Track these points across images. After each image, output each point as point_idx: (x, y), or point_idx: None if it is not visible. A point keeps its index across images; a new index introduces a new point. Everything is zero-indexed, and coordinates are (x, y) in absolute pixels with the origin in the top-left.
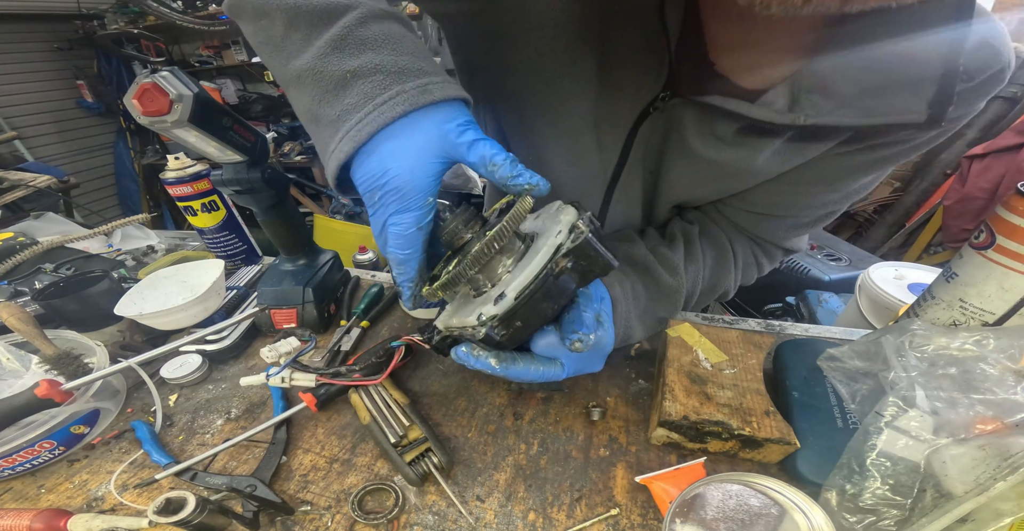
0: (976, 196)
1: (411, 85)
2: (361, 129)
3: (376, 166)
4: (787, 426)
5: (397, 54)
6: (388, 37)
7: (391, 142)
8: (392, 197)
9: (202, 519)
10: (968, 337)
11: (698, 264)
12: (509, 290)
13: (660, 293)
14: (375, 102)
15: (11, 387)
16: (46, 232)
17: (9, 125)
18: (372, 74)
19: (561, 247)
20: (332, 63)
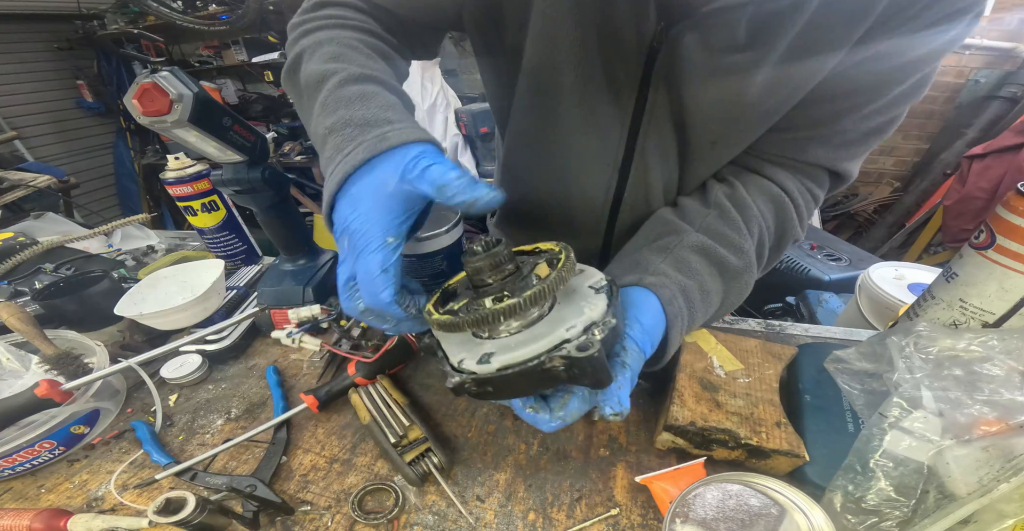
0: (976, 196)
1: (372, 134)
2: (331, 181)
3: (339, 214)
4: (797, 438)
5: (366, 108)
6: (362, 95)
7: (352, 188)
8: (353, 240)
9: (202, 519)
10: (973, 338)
11: (758, 222)
12: (495, 360)
13: (727, 283)
14: (343, 153)
15: (11, 387)
16: (46, 232)
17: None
18: (343, 128)
19: (565, 346)
20: (318, 123)
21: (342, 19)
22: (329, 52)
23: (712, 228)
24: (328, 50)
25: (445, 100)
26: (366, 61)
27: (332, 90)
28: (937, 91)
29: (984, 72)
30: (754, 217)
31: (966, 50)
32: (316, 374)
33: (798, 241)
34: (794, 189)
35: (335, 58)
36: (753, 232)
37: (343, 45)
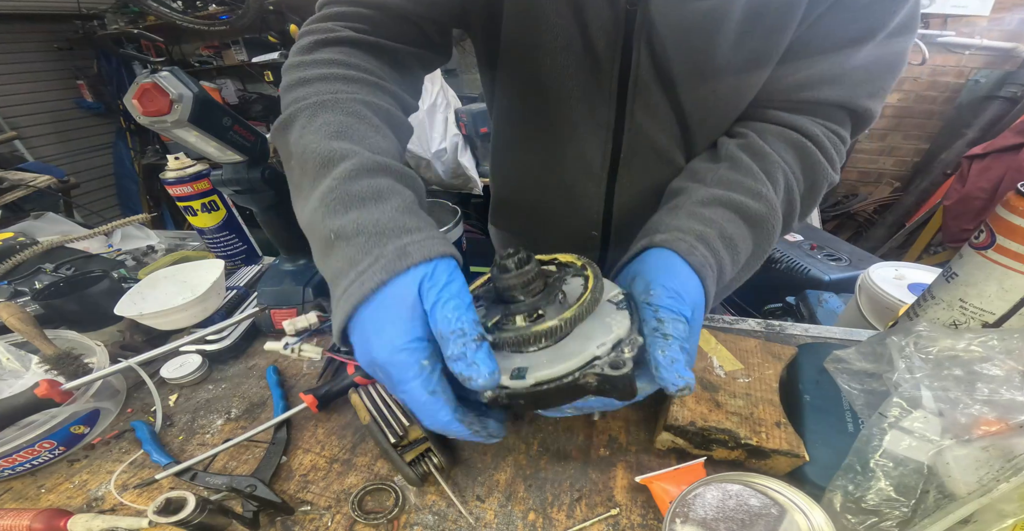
0: (976, 196)
1: (390, 248)
2: (346, 302)
3: (361, 344)
4: (797, 438)
5: (380, 211)
6: (376, 193)
7: (368, 312)
8: (388, 372)
9: (202, 519)
10: (973, 338)
11: (780, 167)
12: (530, 376)
13: (752, 229)
14: (357, 269)
15: (11, 387)
16: (46, 232)
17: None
18: (355, 236)
19: (596, 362)
20: (322, 219)
21: (343, 66)
22: (333, 123)
23: (725, 179)
24: (331, 119)
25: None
26: (376, 138)
27: (341, 181)
28: (937, 91)
29: (984, 72)
30: (775, 163)
31: (966, 50)
32: (316, 374)
33: (833, 184)
34: (816, 132)
35: (340, 134)
36: (776, 178)
37: (348, 113)
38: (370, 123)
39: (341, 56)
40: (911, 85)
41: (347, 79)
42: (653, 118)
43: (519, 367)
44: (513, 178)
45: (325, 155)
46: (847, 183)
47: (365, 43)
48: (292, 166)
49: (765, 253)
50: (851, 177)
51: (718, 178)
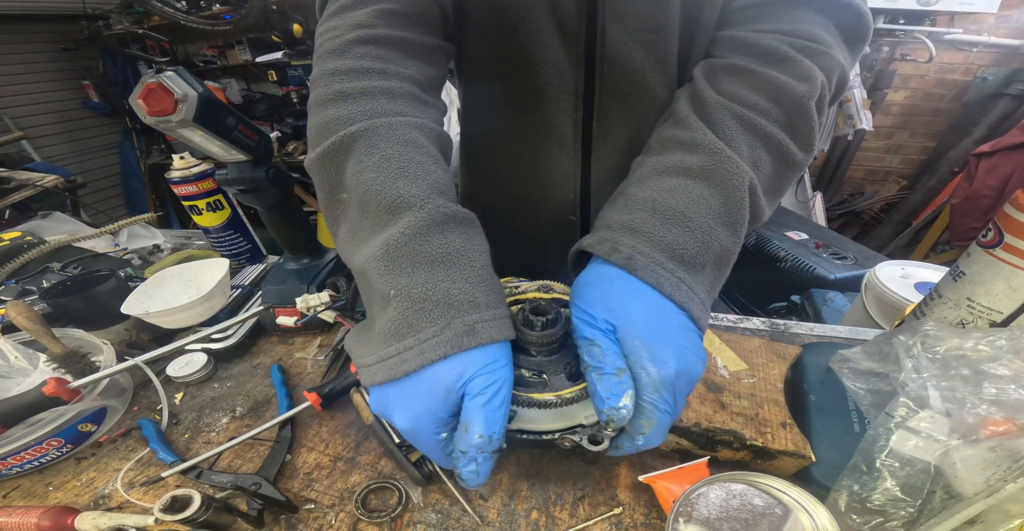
0: (984, 194)
1: (457, 323)
2: (398, 365)
3: (388, 403)
4: (803, 439)
5: (451, 280)
6: (446, 256)
7: (412, 388)
8: (408, 434)
9: (207, 517)
10: (981, 338)
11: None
12: (515, 422)
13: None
14: (418, 336)
15: (19, 385)
16: (53, 231)
17: (16, 125)
18: (421, 301)
19: (578, 430)
20: (384, 272)
21: (383, 76)
22: (393, 158)
23: (663, 138)
24: (390, 152)
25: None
26: (438, 173)
27: (410, 237)
28: (944, 89)
29: (991, 70)
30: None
31: (973, 47)
32: (320, 372)
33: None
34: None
35: (403, 171)
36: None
37: (406, 143)
38: (428, 153)
39: (378, 63)
40: (918, 83)
41: (391, 94)
42: (626, 81)
43: None
44: (481, 166)
45: (392, 200)
46: (853, 181)
47: (395, 40)
48: (347, 201)
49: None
50: (857, 175)
51: (659, 141)
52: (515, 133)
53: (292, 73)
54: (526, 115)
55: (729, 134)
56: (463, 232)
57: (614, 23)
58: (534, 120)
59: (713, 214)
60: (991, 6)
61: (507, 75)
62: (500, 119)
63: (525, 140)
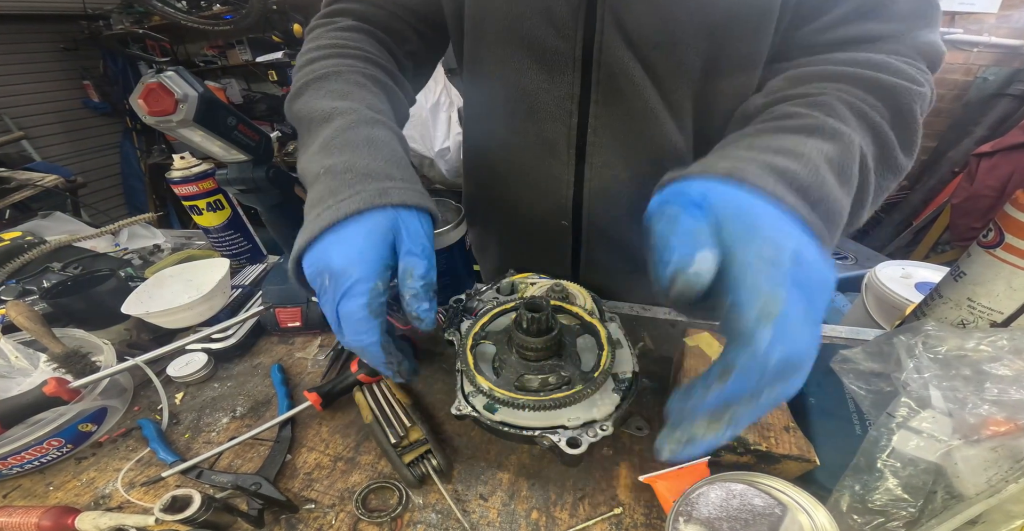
0: (984, 194)
1: (372, 187)
2: (316, 221)
3: (320, 252)
4: (807, 443)
5: (371, 157)
6: (370, 141)
7: (339, 233)
8: (338, 280)
9: (207, 517)
10: (982, 338)
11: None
12: (499, 413)
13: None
14: (336, 198)
15: (20, 385)
16: (54, 231)
17: (16, 125)
18: (343, 173)
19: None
20: (315, 161)
21: (344, 47)
22: (336, 90)
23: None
24: (334, 87)
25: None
26: (373, 100)
27: (340, 131)
28: (945, 89)
29: (992, 69)
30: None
31: (974, 47)
32: (320, 372)
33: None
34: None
35: (342, 96)
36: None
37: (349, 82)
38: (369, 89)
39: (343, 41)
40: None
41: (348, 56)
42: (623, 92)
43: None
44: (478, 168)
45: (327, 111)
46: None
47: (364, 30)
48: (301, 130)
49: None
50: None
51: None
52: (511, 137)
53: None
54: (521, 121)
55: (841, 113)
56: (387, 129)
57: (613, 33)
58: (529, 126)
59: (826, 158)
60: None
61: (503, 80)
62: (497, 123)
63: (520, 145)
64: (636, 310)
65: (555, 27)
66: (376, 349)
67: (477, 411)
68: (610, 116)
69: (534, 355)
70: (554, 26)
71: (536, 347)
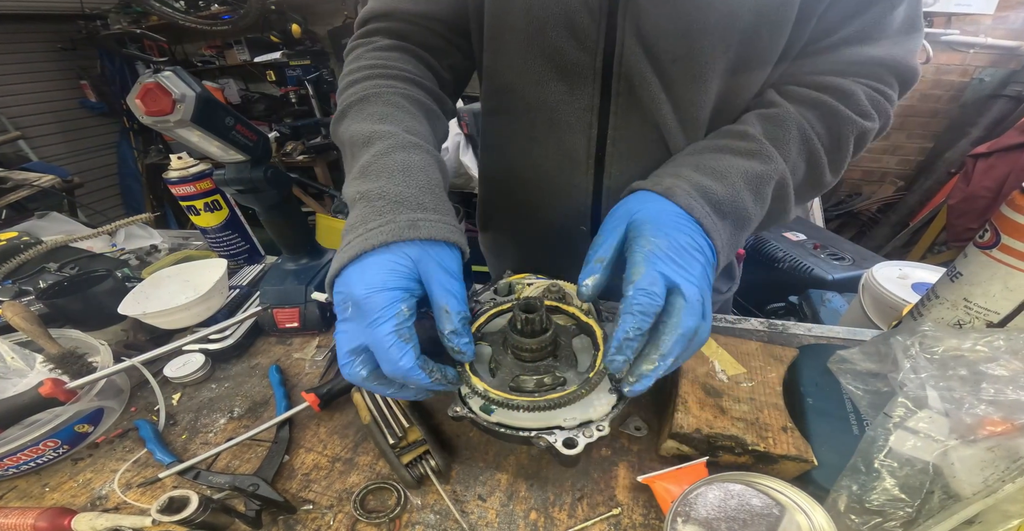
0: (980, 195)
1: (403, 217)
2: (346, 250)
3: (346, 280)
4: (805, 443)
5: (405, 184)
6: (406, 167)
7: (364, 263)
8: (363, 307)
9: (205, 518)
10: (979, 338)
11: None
12: (495, 415)
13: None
14: (367, 226)
15: (16, 386)
16: (50, 232)
17: (13, 125)
18: (376, 199)
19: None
20: (353, 186)
21: (384, 67)
22: (376, 113)
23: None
24: (375, 109)
25: None
26: (412, 123)
27: (378, 156)
28: (941, 90)
29: (989, 71)
30: (782, 113)
31: (970, 49)
32: (318, 373)
33: (864, 133)
34: (842, 86)
35: (382, 118)
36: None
37: (389, 104)
38: (408, 111)
39: (382, 61)
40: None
41: (388, 76)
42: (642, 99)
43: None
44: (496, 174)
45: (367, 135)
46: (850, 182)
47: (402, 48)
48: (345, 154)
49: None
50: (855, 176)
51: (716, 133)
52: (531, 146)
53: (290, 73)
54: (542, 131)
55: (786, 138)
56: (424, 156)
57: (633, 46)
58: (549, 136)
59: (745, 179)
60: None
61: (523, 91)
62: (517, 133)
63: (540, 155)
64: None
65: (576, 39)
66: (417, 371)
67: (473, 412)
68: (627, 127)
69: (529, 356)
70: (575, 37)
71: (531, 348)
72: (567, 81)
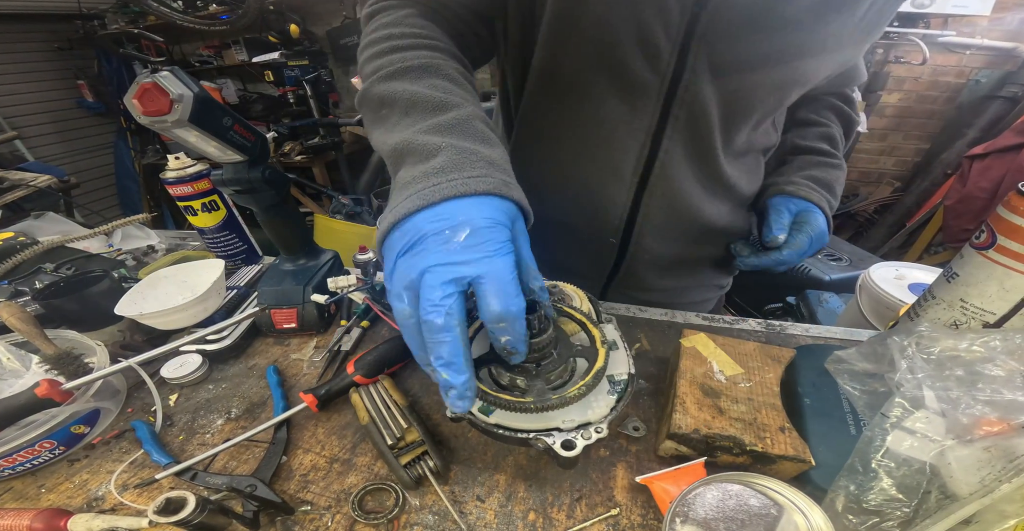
0: (977, 196)
1: (498, 176)
2: (448, 184)
3: (456, 210)
4: (803, 443)
5: (494, 151)
6: (487, 138)
7: (475, 199)
8: (483, 236)
9: (202, 519)
10: (975, 339)
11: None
12: (494, 416)
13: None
14: (465, 173)
15: (11, 387)
16: (47, 232)
17: (10, 125)
18: (469, 155)
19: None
20: (430, 137)
21: (430, 38)
22: (439, 86)
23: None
24: (437, 82)
25: None
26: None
27: (458, 120)
28: (938, 91)
29: (985, 72)
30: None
31: (966, 50)
32: (316, 374)
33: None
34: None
35: (448, 92)
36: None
37: (449, 79)
38: (467, 89)
39: (427, 33)
40: (912, 85)
41: (437, 48)
42: (697, 124)
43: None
44: (531, 182)
45: (439, 102)
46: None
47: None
48: (386, 115)
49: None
50: (851, 177)
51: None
52: (576, 159)
53: (288, 73)
54: (592, 147)
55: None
56: (494, 132)
57: (702, 70)
58: (598, 152)
59: (838, 183)
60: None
61: (579, 106)
62: (563, 146)
63: (586, 168)
64: (632, 311)
65: (648, 59)
66: (523, 313)
67: (472, 413)
68: (676, 149)
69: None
70: (647, 58)
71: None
72: (628, 101)
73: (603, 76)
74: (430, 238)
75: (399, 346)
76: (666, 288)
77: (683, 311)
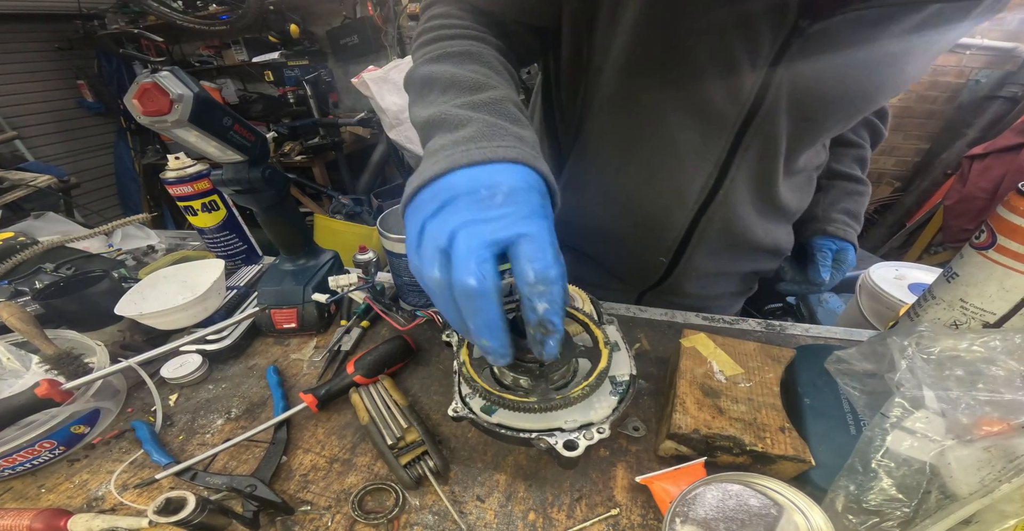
0: (977, 196)
1: (527, 150)
2: (479, 151)
3: (493, 173)
4: (803, 443)
5: (525, 130)
6: (518, 119)
7: (508, 165)
8: (521, 197)
9: (202, 519)
10: (975, 339)
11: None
12: (496, 416)
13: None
14: (493, 142)
15: (11, 387)
16: (46, 232)
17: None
18: (501, 130)
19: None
20: (463, 111)
21: (477, 31)
22: (480, 71)
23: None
24: (478, 68)
25: None
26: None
27: (492, 101)
28: (938, 91)
29: (985, 72)
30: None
31: (966, 50)
32: (316, 374)
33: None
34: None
35: (487, 76)
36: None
37: (489, 66)
38: (504, 78)
39: (472, 24)
40: (912, 85)
41: (483, 40)
42: (766, 153)
43: (493, 401)
44: (589, 194)
45: (476, 83)
46: None
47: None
48: (428, 89)
49: None
50: None
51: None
52: (641, 184)
53: (288, 73)
54: (660, 171)
55: (865, 164)
56: (526, 117)
57: (779, 102)
58: (664, 177)
59: (864, 208)
60: None
61: (652, 132)
62: (628, 168)
63: (651, 192)
64: (633, 312)
65: (729, 90)
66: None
67: (474, 413)
68: (742, 176)
69: (531, 357)
70: (728, 89)
71: None
72: (703, 131)
73: (681, 106)
74: (463, 197)
75: (399, 346)
76: (704, 295)
77: (683, 311)
